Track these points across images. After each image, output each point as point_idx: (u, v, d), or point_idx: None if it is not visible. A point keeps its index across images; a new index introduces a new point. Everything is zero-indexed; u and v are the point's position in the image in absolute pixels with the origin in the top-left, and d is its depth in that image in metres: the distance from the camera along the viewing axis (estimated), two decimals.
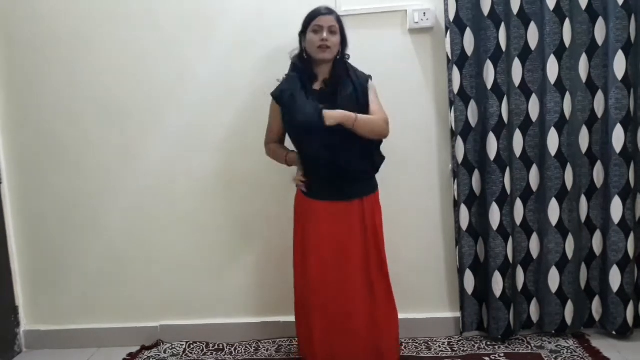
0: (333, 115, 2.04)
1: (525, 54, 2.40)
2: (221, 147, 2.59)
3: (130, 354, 2.58)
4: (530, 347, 2.45)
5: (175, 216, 2.63)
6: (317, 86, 2.18)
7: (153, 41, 2.55)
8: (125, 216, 2.64)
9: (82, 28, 2.56)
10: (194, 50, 2.55)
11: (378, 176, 2.28)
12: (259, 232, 2.62)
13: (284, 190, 2.40)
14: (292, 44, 2.23)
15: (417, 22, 2.44)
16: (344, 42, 2.19)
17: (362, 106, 2.14)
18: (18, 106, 2.62)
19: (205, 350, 2.58)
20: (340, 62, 2.19)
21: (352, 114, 2.06)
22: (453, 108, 2.43)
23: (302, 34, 2.19)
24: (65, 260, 2.68)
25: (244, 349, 2.57)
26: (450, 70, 2.41)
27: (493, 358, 2.37)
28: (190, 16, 2.53)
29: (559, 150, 2.41)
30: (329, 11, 2.15)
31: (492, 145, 2.40)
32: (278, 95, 2.19)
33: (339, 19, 2.16)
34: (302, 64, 2.19)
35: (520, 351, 2.42)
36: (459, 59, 2.40)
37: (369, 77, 2.22)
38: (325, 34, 2.11)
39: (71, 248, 2.67)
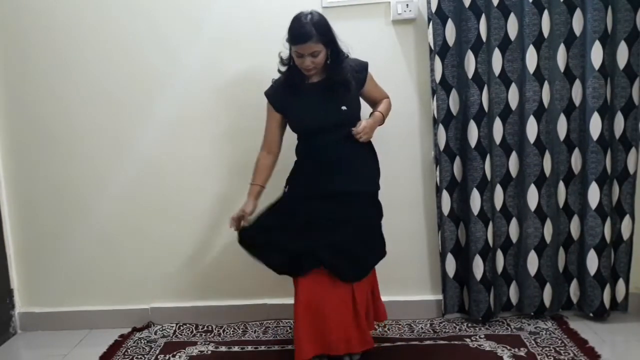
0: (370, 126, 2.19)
1: (505, 44, 2.45)
2: (210, 136, 2.65)
3: (122, 335, 2.63)
4: (510, 329, 2.51)
5: (164, 202, 2.70)
6: (314, 79, 2.19)
7: (143, 32, 2.60)
8: (117, 202, 2.71)
9: (73, 20, 2.61)
10: (185, 40, 2.60)
11: None
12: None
13: (272, 176, 2.45)
14: (282, 36, 2.20)
15: (400, 14, 2.51)
16: (333, 46, 2.11)
17: (354, 94, 2.21)
18: (11, 97, 2.67)
19: (194, 331, 2.64)
20: (332, 65, 2.14)
21: (379, 115, 2.25)
22: (435, 97, 2.49)
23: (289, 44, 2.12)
24: (58, 244, 2.74)
25: (232, 331, 2.63)
26: (432, 60, 2.47)
27: (474, 339, 2.42)
28: (181, 6, 2.58)
29: (538, 138, 2.46)
30: (308, 37, 2.02)
31: (473, 133, 2.45)
32: (273, 101, 2.22)
33: (320, 37, 2.05)
34: (291, 72, 2.17)
35: (500, 332, 2.48)
36: (441, 49, 2.46)
37: (366, 65, 2.23)
38: (307, 61, 2.07)
39: (64, 233, 2.73)
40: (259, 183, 2.27)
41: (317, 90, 2.18)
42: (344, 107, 2.16)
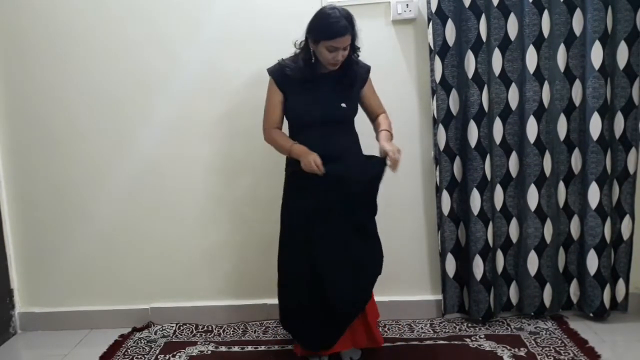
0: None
1: (505, 44, 2.46)
2: (210, 136, 2.65)
3: (122, 335, 2.64)
4: (510, 329, 2.51)
5: (164, 202, 2.70)
6: (323, 69, 2.16)
7: (143, 32, 2.60)
8: (117, 202, 2.71)
9: (73, 21, 2.61)
10: (185, 40, 2.60)
11: None
12: (246, 218, 2.68)
13: (270, 175, 2.46)
14: (283, 34, 2.23)
15: (400, 14, 2.51)
16: (355, 40, 2.12)
17: (355, 93, 2.23)
18: (12, 98, 2.67)
19: (194, 331, 2.64)
20: (348, 59, 2.14)
21: (389, 134, 2.23)
22: (435, 97, 2.49)
23: (313, 40, 2.09)
24: (59, 245, 2.74)
25: (232, 331, 2.63)
26: (432, 60, 2.47)
27: (474, 339, 2.43)
28: (181, 6, 2.58)
29: (538, 138, 2.46)
30: (345, 30, 2.02)
31: (473, 133, 2.46)
32: (277, 78, 2.19)
33: (352, 30, 2.06)
34: (309, 67, 2.14)
35: (500, 332, 2.48)
36: (441, 49, 2.46)
37: (369, 68, 2.26)
38: (340, 55, 2.07)
39: (64, 233, 2.73)
40: (295, 142, 2.17)
41: (324, 81, 2.17)
42: (343, 105, 2.17)
